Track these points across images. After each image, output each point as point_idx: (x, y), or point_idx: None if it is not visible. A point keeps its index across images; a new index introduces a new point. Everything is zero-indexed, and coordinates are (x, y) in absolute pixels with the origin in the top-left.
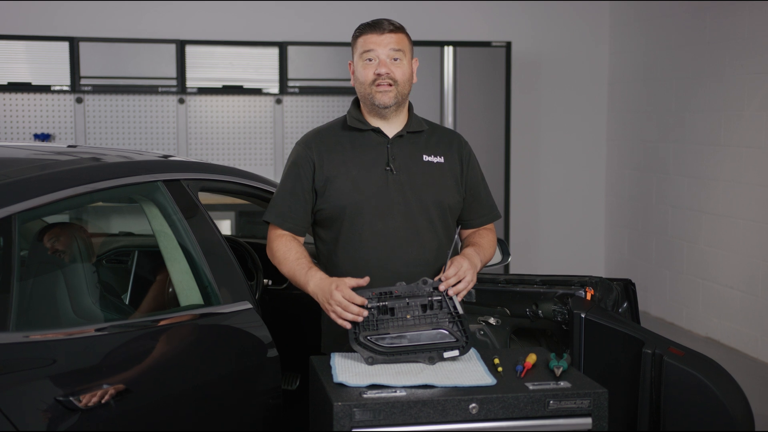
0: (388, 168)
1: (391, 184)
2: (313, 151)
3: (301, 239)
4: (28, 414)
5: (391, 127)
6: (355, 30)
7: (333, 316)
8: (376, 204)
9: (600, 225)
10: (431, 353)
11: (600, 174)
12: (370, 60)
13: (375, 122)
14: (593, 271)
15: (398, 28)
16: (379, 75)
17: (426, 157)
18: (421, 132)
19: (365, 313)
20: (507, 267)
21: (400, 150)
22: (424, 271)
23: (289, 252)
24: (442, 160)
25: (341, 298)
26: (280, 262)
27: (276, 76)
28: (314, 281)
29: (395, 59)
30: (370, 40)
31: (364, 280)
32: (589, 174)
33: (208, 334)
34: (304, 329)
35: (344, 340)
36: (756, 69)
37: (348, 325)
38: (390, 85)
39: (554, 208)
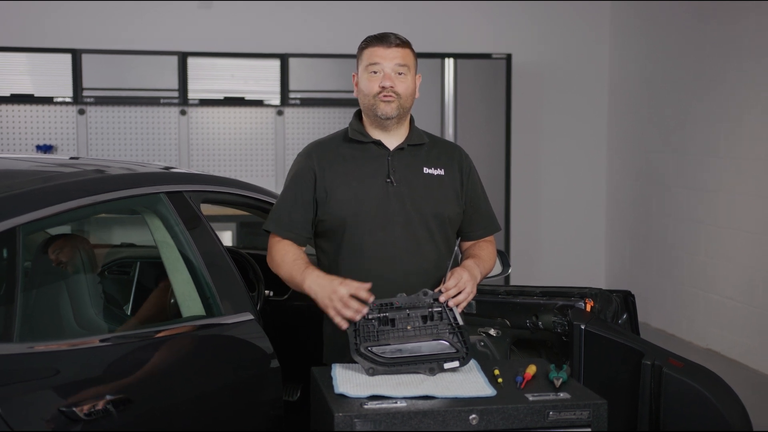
0: (388, 180)
1: (391, 196)
2: (314, 162)
3: (302, 248)
4: (32, 424)
5: (392, 139)
6: (362, 42)
7: (332, 313)
8: (376, 215)
9: (600, 236)
10: (432, 364)
11: (601, 184)
12: (375, 72)
13: (376, 135)
14: (594, 282)
15: (404, 43)
16: (383, 88)
17: (426, 170)
18: (421, 145)
19: (365, 310)
20: (507, 278)
21: (401, 162)
22: (424, 282)
23: (286, 255)
24: (442, 172)
25: (344, 292)
26: (278, 265)
27: (277, 88)
28: (311, 278)
29: (400, 73)
30: (377, 53)
31: (366, 285)
32: (590, 185)
33: (210, 345)
34: (305, 340)
35: (346, 350)
36: (757, 79)
37: (344, 324)
38: (393, 96)
39: (555, 218)
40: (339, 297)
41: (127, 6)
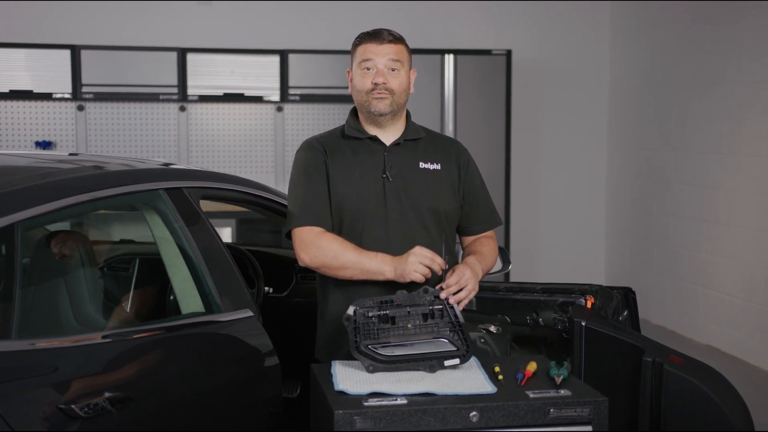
0: (384, 176)
1: (387, 192)
2: (320, 152)
3: None
4: (30, 422)
5: (388, 135)
6: (355, 39)
7: (414, 274)
8: (374, 211)
9: (601, 233)
10: (432, 361)
11: (601, 182)
12: (368, 69)
13: (372, 131)
14: (594, 279)
15: (398, 39)
16: (376, 84)
17: (422, 164)
18: (418, 140)
19: (436, 267)
20: (507, 275)
21: (397, 157)
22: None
23: (344, 242)
24: (438, 167)
25: (420, 254)
26: (338, 254)
27: (277, 84)
28: (387, 260)
29: (393, 69)
30: (370, 49)
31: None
32: (590, 182)
33: (209, 342)
34: (305, 337)
35: (335, 346)
36: (757, 76)
37: (420, 278)
38: (386, 93)
39: (555, 216)
40: (418, 257)
41: (127, 2)
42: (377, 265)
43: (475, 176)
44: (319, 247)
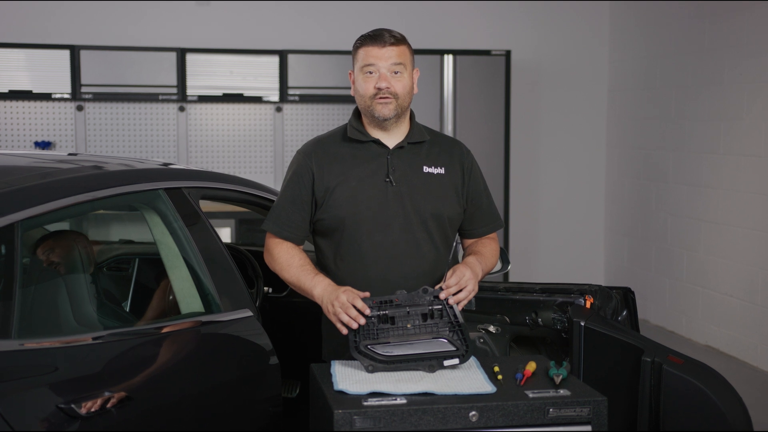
0: (387, 179)
1: (390, 196)
2: (312, 160)
3: (300, 247)
4: (30, 421)
5: (392, 137)
6: (356, 41)
7: (333, 318)
8: (375, 215)
9: (600, 233)
10: (431, 361)
11: (600, 182)
12: (370, 73)
13: (375, 133)
14: (593, 279)
15: (399, 40)
16: (379, 89)
17: (426, 168)
18: (422, 142)
19: (362, 320)
20: (507, 275)
21: (401, 161)
22: (423, 283)
23: (292, 259)
24: (442, 171)
25: (345, 300)
26: (282, 269)
27: (276, 84)
28: (322, 286)
29: (396, 72)
30: (371, 53)
31: (365, 294)
32: (589, 182)
33: (209, 342)
34: (304, 337)
35: (344, 347)
36: (755, 76)
37: (344, 330)
38: (390, 97)
39: (554, 216)
40: (340, 303)
41: (126, 2)
42: (309, 285)
43: (478, 179)
44: (272, 256)
